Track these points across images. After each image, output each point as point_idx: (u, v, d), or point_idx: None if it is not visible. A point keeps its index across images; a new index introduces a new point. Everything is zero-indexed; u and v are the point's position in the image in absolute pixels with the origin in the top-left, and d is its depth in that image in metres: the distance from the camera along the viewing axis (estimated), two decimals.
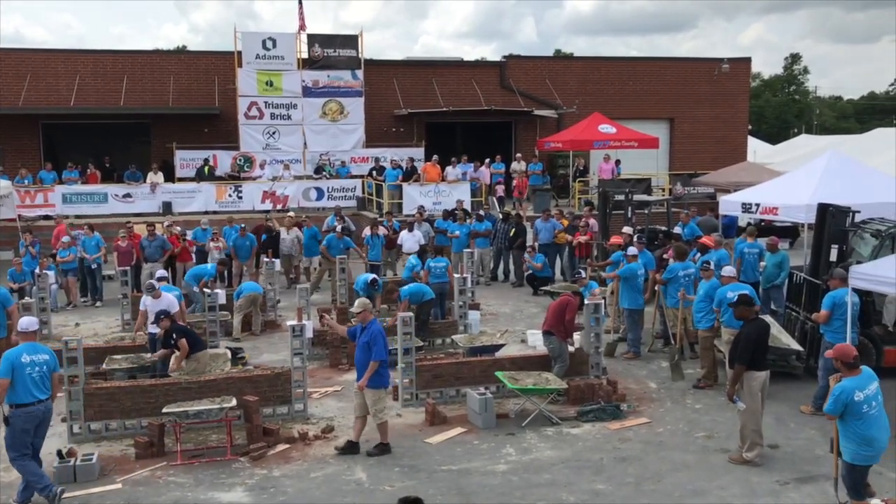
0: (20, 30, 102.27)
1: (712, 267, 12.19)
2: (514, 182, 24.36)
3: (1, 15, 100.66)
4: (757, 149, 36.60)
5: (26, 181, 23.93)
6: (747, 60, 34.70)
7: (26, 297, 15.04)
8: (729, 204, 16.92)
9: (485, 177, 26.22)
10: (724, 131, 33.25)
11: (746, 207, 15.88)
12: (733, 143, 33.21)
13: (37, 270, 15.91)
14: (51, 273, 16.21)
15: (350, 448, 9.35)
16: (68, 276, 17.54)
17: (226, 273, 17.78)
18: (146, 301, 12.06)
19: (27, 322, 8.58)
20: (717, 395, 11.29)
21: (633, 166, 28.39)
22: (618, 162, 27.32)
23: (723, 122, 33.24)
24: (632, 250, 13.74)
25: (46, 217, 23.45)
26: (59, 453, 9.00)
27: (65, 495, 8.22)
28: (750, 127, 37.12)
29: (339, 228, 18.53)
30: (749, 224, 18.32)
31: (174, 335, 11.21)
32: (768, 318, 12.49)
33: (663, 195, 25.14)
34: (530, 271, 18.34)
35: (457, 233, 19.10)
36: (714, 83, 33.15)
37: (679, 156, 32.80)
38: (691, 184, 27.33)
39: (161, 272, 14.40)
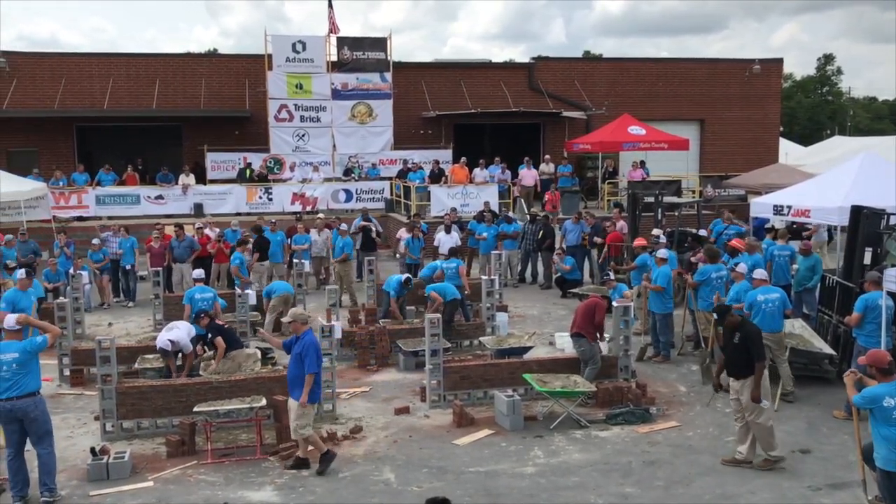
0: (56, 34, 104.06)
1: (743, 270, 12.06)
2: (547, 196, 23.92)
3: (32, 19, 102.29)
4: (789, 150, 36.15)
5: (61, 183, 24.33)
6: (779, 61, 34.32)
7: (60, 297, 15.27)
8: (760, 206, 16.74)
9: (526, 179, 26.06)
10: (756, 133, 32.90)
11: (778, 210, 15.71)
12: (765, 145, 32.86)
13: (71, 271, 16.16)
14: (85, 273, 16.46)
15: (301, 463, 9.00)
16: (102, 276, 17.81)
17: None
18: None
19: (7, 320, 8.62)
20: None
21: (662, 168, 28.22)
22: (642, 163, 27.08)
23: (754, 124, 32.90)
24: (661, 253, 13.63)
25: (80, 218, 23.84)
26: (93, 451, 9.13)
27: (96, 492, 8.36)
28: (782, 128, 36.68)
29: (342, 227, 18.61)
30: (773, 226, 18.07)
31: (210, 334, 11.35)
32: (800, 322, 12.40)
33: (693, 197, 24.94)
34: (559, 273, 18.29)
35: (484, 234, 19.11)
36: (745, 84, 32.83)
37: (709, 157, 32.52)
38: (722, 186, 27.09)
39: (198, 272, 14.53)
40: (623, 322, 11.71)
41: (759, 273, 11.68)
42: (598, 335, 11.49)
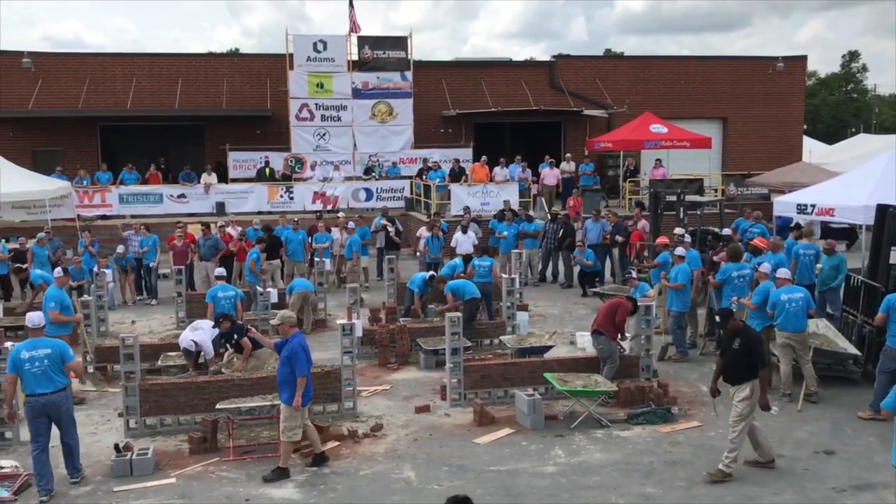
0: (79, 35, 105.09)
1: (766, 270, 11.95)
2: (570, 202, 23.56)
3: (57, 20, 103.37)
4: (813, 149, 35.81)
5: (85, 182, 24.58)
6: (803, 58, 33.99)
7: (85, 295, 15.43)
8: (783, 205, 16.60)
9: (548, 179, 25.90)
10: (779, 131, 32.61)
11: (802, 208, 15.56)
12: (788, 143, 32.56)
13: (95, 269, 16.33)
14: (108, 271, 16.63)
15: (320, 459, 9.05)
16: (128, 276, 18.01)
17: (280, 273, 18.08)
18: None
19: (29, 318, 8.92)
20: (770, 400, 11.06)
21: (684, 167, 28.04)
22: (658, 161, 26.88)
23: (777, 122, 32.61)
24: (679, 251, 13.60)
25: (104, 217, 24.07)
26: (117, 447, 9.22)
27: (120, 488, 8.46)
28: (805, 126, 36.34)
29: (349, 225, 18.62)
30: (797, 224, 17.91)
31: (235, 335, 11.46)
32: (824, 322, 12.28)
33: (716, 196, 24.75)
34: (580, 267, 18.22)
35: (504, 233, 19.09)
36: (768, 82, 32.56)
37: (732, 156, 32.29)
38: (745, 184, 26.88)
39: (220, 271, 14.64)
40: (645, 321, 11.65)
41: (783, 272, 11.57)
42: (619, 335, 11.43)
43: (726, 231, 17.27)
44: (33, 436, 8.43)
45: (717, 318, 9.34)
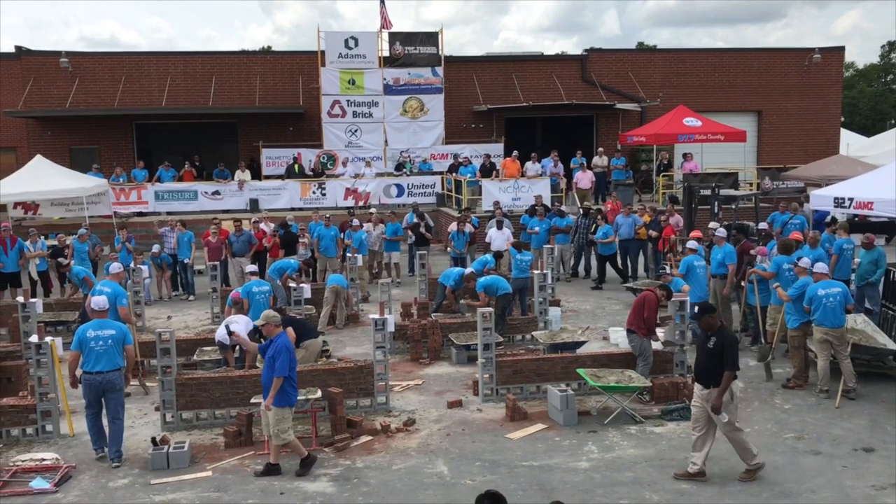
0: (115, 34, 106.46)
1: (806, 264, 11.77)
2: (609, 205, 22.71)
3: (93, 20, 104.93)
4: (850, 141, 35.15)
5: (121, 179, 24.95)
6: (840, 49, 33.39)
7: None
8: (820, 198, 16.31)
9: (582, 182, 25.14)
10: (815, 123, 32.10)
11: (839, 202, 15.28)
12: (825, 136, 32.04)
13: (131, 265, 16.56)
14: (145, 267, 16.86)
15: (272, 470, 8.79)
16: (165, 271, 18.26)
17: (311, 270, 18.20)
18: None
19: (95, 302, 9.65)
20: (807, 396, 10.96)
21: (719, 160, 27.73)
22: (685, 155, 26.57)
23: (814, 114, 32.09)
24: (690, 244, 13.76)
25: (140, 213, 24.41)
26: (154, 440, 9.36)
27: (157, 481, 8.59)
28: (843, 119, 35.72)
29: (353, 222, 18.69)
30: (833, 219, 17.62)
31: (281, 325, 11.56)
32: (862, 317, 12.08)
33: (751, 190, 24.44)
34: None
35: (536, 228, 19.03)
36: (805, 74, 32.06)
37: (767, 149, 31.85)
38: (780, 178, 26.48)
39: (251, 267, 14.78)
40: (679, 317, 11.54)
41: (820, 267, 11.39)
42: (650, 333, 11.25)
43: (762, 225, 17.08)
44: (88, 405, 9.18)
45: (696, 310, 8.81)
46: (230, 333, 11.02)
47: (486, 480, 8.43)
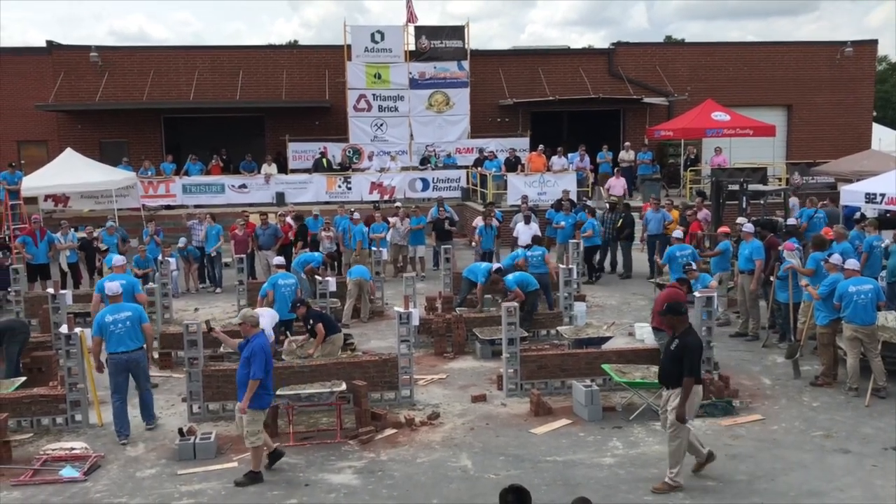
0: (144, 29, 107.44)
1: (837, 261, 11.60)
2: (647, 210, 21.57)
3: (122, 15, 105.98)
4: (882, 136, 34.66)
5: (149, 172, 25.21)
6: (873, 43, 32.85)
7: (150, 283, 15.84)
8: (851, 194, 16.13)
9: (615, 189, 23.58)
10: (847, 118, 31.62)
11: (870, 198, 15.12)
12: (856, 131, 31.57)
13: (159, 257, 16.74)
14: (172, 260, 17.02)
15: (255, 478, 8.52)
16: (192, 264, 18.43)
17: (335, 263, 18.29)
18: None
19: (108, 287, 10.47)
20: (836, 394, 10.83)
21: (748, 155, 27.41)
22: (717, 150, 26.30)
23: (845, 109, 31.61)
24: (676, 233, 14.36)
25: (168, 207, 24.65)
26: (181, 431, 9.46)
27: (184, 471, 8.70)
28: (875, 113, 35.15)
29: (354, 215, 18.76)
30: (863, 215, 17.34)
31: (311, 320, 11.76)
32: (893, 314, 11.90)
33: (780, 185, 24.16)
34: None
35: (562, 223, 18.94)
36: (836, 67, 31.58)
37: (797, 144, 31.44)
38: (810, 173, 26.17)
39: (279, 259, 14.86)
40: (705, 313, 11.43)
41: (852, 263, 11.24)
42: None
43: (791, 221, 16.88)
44: (114, 390, 9.65)
45: (665, 308, 8.52)
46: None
47: (510, 475, 8.42)
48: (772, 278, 13.23)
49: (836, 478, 8.34)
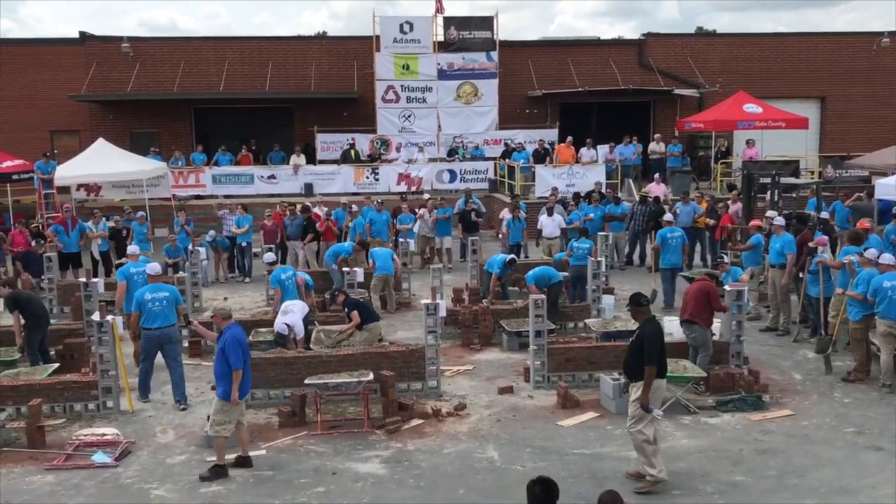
0: (174, 20, 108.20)
1: (872, 255, 11.40)
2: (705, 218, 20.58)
3: (152, 6, 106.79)
4: None
5: (179, 163, 25.42)
6: None
7: (180, 272, 15.99)
8: (886, 187, 15.86)
9: (656, 192, 21.67)
10: (882, 110, 31.04)
11: None
12: (891, 123, 30.94)
13: (190, 247, 16.89)
14: (202, 249, 17.17)
15: (242, 462, 8.65)
16: (221, 254, 18.59)
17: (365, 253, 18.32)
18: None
19: (151, 268, 11.35)
20: (868, 390, 10.67)
21: (780, 148, 27.02)
22: (748, 142, 25.93)
23: (880, 101, 31.03)
24: (667, 217, 15.02)
25: (198, 196, 24.85)
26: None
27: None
28: None
29: (353, 208, 18.68)
30: None
31: (346, 308, 11.98)
32: None
33: (812, 178, 23.81)
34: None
35: (591, 215, 18.82)
36: (871, 59, 31.01)
37: (830, 136, 30.96)
38: (843, 166, 25.75)
39: (269, 256, 14.98)
40: (736, 307, 11.32)
41: (887, 258, 11.04)
42: (719, 309, 11.08)
43: (824, 214, 16.64)
44: (144, 358, 10.60)
45: (628, 302, 8.49)
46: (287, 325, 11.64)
47: (537, 467, 8.40)
48: (801, 274, 13.05)
49: (868, 475, 8.23)
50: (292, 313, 12.06)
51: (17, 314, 11.44)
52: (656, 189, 20.38)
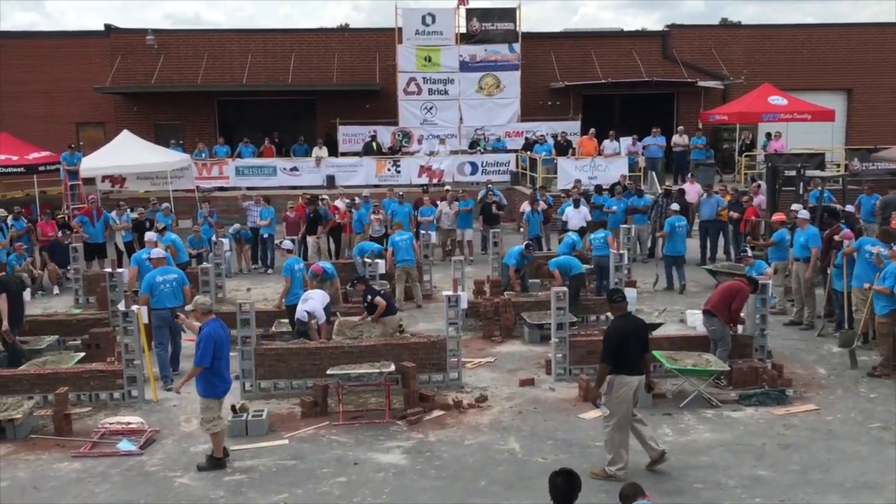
0: (199, 12, 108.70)
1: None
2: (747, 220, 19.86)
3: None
4: None
5: (203, 154, 25.58)
6: None
7: (204, 263, 16.12)
8: None
9: (690, 194, 20.42)
10: None
11: None
12: None
13: (213, 238, 17.01)
14: (226, 241, 17.29)
15: (214, 463, 8.51)
16: (243, 245, 18.71)
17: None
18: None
19: (156, 252, 12.14)
20: (894, 385, 10.54)
21: (805, 140, 26.73)
22: (768, 135, 25.66)
23: None
24: (674, 206, 15.77)
25: (221, 188, 25.00)
26: (233, 408, 9.62)
27: (236, 447, 8.86)
28: None
29: (356, 200, 18.62)
30: None
31: (369, 295, 12.11)
32: None
33: (838, 171, 23.54)
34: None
35: (613, 208, 18.74)
36: None
37: (857, 129, 30.57)
38: (870, 159, 25.42)
39: (287, 244, 15.00)
40: (760, 300, 11.23)
41: None
42: (733, 323, 10.97)
43: (849, 208, 16.46)
44: (157, 342, 11.08)
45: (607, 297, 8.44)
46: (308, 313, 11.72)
47: (558, 459, 8.39)
48: (829, 270, 12.91)
49: (893, 470, 8.14)
50: (312, 300, 12.13)
51: (4, 297, 11.33)
52: (690, 189, 20.04)
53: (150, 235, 14.10)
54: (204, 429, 8.56)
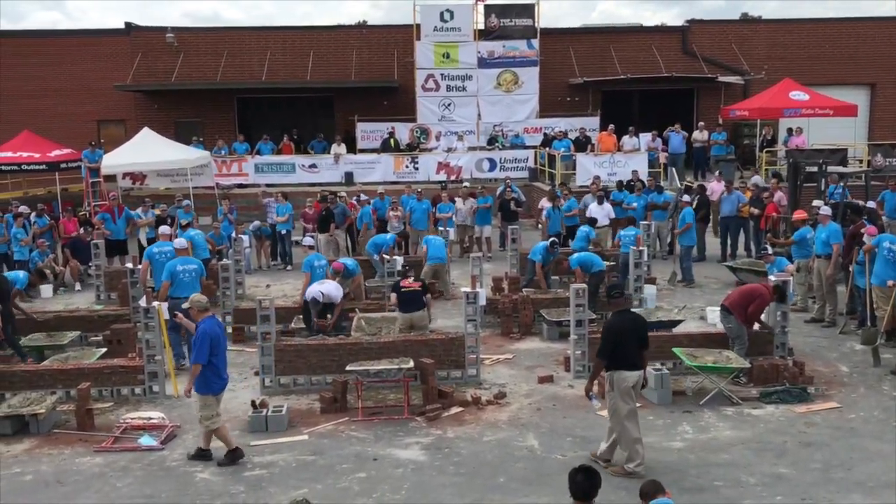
0: (217, 10, 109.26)
1: None
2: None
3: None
4: None
5: (223, 152, 25.70)
6: None
7: (224, 259, 16.19)
8: None
9: (716, 193, 20.00)
10: None
11: None
12: None
13: (233, 235, 17.10)
14: (245, 237, 17.37)
15: (203, 455, 8.62)
16: (263, 242, 18.80)
17: (404, 243, 18.40)
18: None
19: (179, 242, 12.65)
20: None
21: (827, 136, 26.45)
22: (789, 130, 25.42)
23: None
24: (685, 198, 16.25)
25: (241, 185, 25.12)
26: (253, 404, 9.68)
27: (256, 442, 8.92)
28: None
29: (360, 198, 18.65)
30: None
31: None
32: None
33: (861, 167, 23.28)
34: None
35: (633, 204, 18.64)
36: None
37: (880, 124, 30.20)
38: (893, 155, 25.12)
39: (308, 240, 15.09)
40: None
41: None
42: (748, 325, 10.89)
43: (871, 204, 16.28)
44: (171, 327, 10.98)
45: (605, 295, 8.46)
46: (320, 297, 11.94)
47: (578, 456, 8.37)
48: (851, 267, 12.79)
49: None
50: (328, 284, 12.22)
51: None
52: (717, 187, 19.86)
53: (164, 229, 14.38)
54: (203, 426, 8.57)
